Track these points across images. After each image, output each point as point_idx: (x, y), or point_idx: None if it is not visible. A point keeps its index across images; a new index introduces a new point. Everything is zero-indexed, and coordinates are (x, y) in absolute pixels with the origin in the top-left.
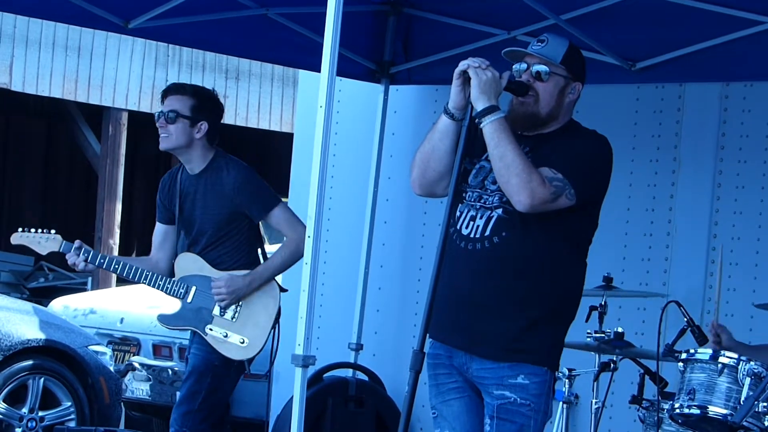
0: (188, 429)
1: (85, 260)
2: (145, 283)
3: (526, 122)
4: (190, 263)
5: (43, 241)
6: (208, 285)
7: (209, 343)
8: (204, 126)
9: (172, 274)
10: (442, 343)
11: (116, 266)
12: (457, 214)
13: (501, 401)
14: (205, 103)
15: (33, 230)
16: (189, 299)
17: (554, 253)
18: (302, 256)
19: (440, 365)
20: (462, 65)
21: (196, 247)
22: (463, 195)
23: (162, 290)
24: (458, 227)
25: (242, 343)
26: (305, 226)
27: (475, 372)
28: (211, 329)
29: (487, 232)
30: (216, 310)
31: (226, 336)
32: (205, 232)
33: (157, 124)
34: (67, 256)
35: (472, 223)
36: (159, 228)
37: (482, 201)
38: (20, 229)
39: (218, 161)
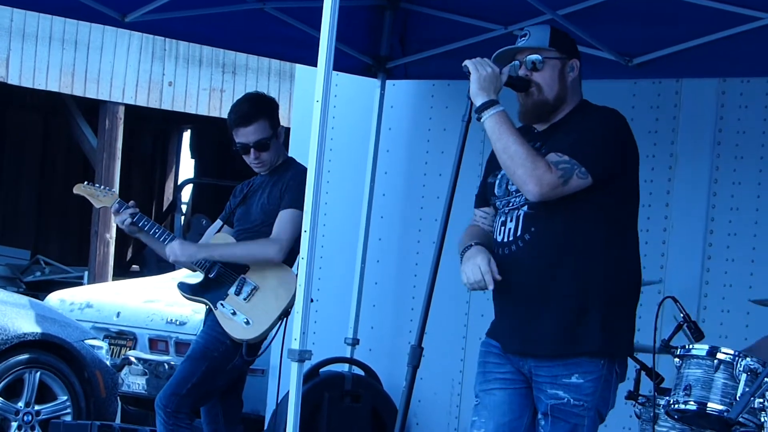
0: (171, 410)
1: (132, 218)
2: None
3: (538, 111)
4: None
5: (101, 196)
6: (233, 266)
7: (217, 322)
8: (281, 130)
9: None
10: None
11: (156, 230)
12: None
13: (554, 401)
14: (274, 113)
15: (96, 185)
16: (211, 275)
17: (590, 237)
18: (258, 261)
19: (492, 354)
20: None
21: (241, 232)
22: (497, 208)
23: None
24: (495, 237)
25: (246, 323)
26: (282, 247)
27: (532, 369)
28: (222, 305)
29: (519, 233)
30: (232, 289)
31: (233, 314)
32: (255, 220)
33: (244, 156)
34: (115, 218)
35: (503, 228)
36: (217, 223)
37: (510, 205)
38: (85, 182)
39: (288, 161)
